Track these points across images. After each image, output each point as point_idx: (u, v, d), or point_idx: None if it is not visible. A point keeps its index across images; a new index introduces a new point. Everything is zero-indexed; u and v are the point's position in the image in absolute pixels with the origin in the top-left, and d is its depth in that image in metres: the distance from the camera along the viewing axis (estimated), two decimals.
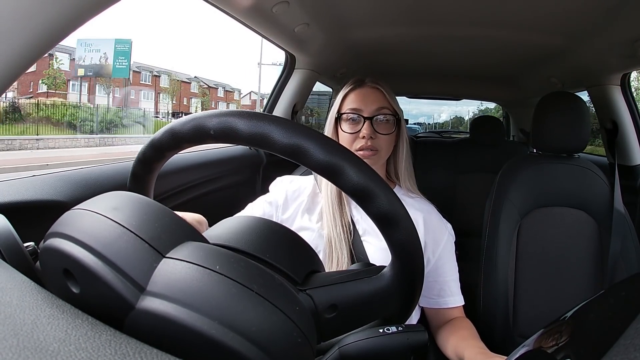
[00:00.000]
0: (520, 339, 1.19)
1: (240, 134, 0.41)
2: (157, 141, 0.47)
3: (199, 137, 0.44)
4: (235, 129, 0.41)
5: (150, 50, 47.54)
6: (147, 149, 0.49)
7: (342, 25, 1.54)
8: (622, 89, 1.66)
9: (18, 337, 0.26)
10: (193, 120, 0.44)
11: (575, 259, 1.23)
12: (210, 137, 0.43)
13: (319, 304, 0.43)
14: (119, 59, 17.83)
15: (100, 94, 20.01)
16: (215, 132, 0.42)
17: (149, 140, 0.49)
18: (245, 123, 0.41)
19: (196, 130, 0.43)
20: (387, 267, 0.48)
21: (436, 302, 0.94)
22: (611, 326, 0.28)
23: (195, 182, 1.33)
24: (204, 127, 0.43)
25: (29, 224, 0.56)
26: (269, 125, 0.40)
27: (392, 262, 0.47)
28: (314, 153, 0.40)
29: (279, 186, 1.02)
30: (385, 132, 0.94)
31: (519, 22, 1.39)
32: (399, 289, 0.47)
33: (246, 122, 0.41)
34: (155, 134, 0.48)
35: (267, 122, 0.40)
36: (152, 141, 0.48)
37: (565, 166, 1.28)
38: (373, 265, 0.52)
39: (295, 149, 0.40)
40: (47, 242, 0.35)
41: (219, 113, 0.42)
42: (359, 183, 0.41)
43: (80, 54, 18.16)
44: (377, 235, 0.84)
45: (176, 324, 0.29)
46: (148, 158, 0.50)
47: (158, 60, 53.77)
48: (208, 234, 0.45)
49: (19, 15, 0.55)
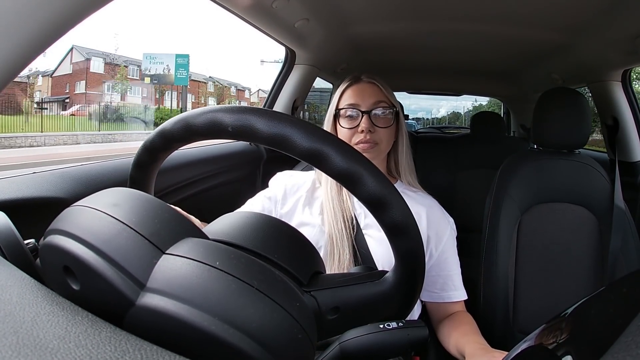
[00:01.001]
0: (520, 334, 1.19)
1: (259, 134, 0.40)
2: (168, 131, 0.46)
3: (215, 131, 0.43)
4: (255, 129, 0.40)
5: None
6: (156, 137, 0.48)
7: (342, 21, 1.54)
8: (622, 85, 1.65)
9: (18, 334, 0.26)
10: (208, 114, 0.43)
11: (576, 255, 1.23)
12: (227, 134, 0.42)
13: (322, 305, 0.44)
14: (179, 70, 21.24)
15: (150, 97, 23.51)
16: (234, 129, 0.41)
17: (158, 128, 0.48)
18: (266, 123, 0.40)
19: (212, 125, 0.43)
20: (390, 273, 0.49)
21: (439, 296, 0.94)
22: (612, 323, 0.28)
23: (195, 178, 1.33)
24: (221, 123, 0.42)
25: (29, 221, 0.56)
26: (290, 129, 0.40)
27: (395, 268, 0.48)
28: (334, 160, 0.40)
29: (278, 181, 1.02)
30: (383, 125, 0.95)
31: (520, 17, 1.38)
32: (401, 292, 0.48)
33: (267, 122, 0.40)
34: (166, 122, 0.47)
35: (288, 125, 0.40)
36: (163, 130, 0.47)
37: (565, 162, 1.28)
38: (376, 269, 0.53)
39: (315, 154, 0.40)
40: (47, 239, 0.34)
41: (237, 109, 0.42)
42: (375, 193, 0.41)
43: (146, 65, 21.42)
44: (378, 228, 0.84)
45: (176, 321, 0.29)
46: (155, 147, 0.49)
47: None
48: (208, 230, 0.45)
49: (19, 12, 0.55)
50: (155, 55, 21.21)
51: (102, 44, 47.10)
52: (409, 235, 0.44)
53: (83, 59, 22.13)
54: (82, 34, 23.17)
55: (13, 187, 0.73)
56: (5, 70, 0.56)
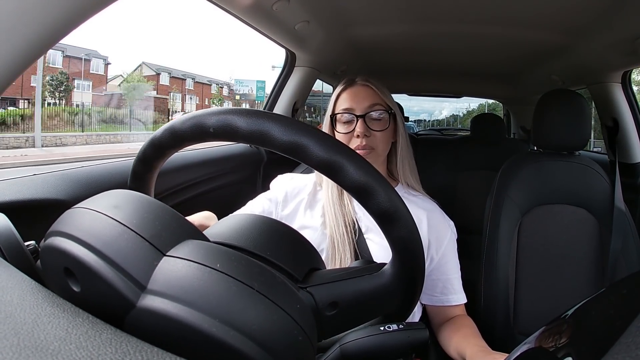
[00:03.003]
0: (521, 336, 1.19)
1: (239, 131, 0.40)
2: (157, 140, 0.47)
3: (199, 135, 0.43)
4: (235, 127, 0.40)
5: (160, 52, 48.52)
6: (147, 147, 0.49)
7: (343, 23, 1.54)
8: (622, 86, 1.65)
9: (19, 336, 0.26)
10: (193, 119, 0.43)
11: (576, 256, 1.23)
12: (210, 135, 0.42)
13: (319, 301, 0.43)
14: (259, 92, 29.09)
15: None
16: (215, 130, 0.42)
17: (149, 138, 0.49)
18: (245, 120, 0.40)
19: (196, 128, 0.43)
20: (388, 265, 0.48)
21: (439, 300, 0.94)
22: (612, 324, 0.28)
23: (196, 180, 1.33)
24: (203, 125, 0.42)
25: (29, 223, 0.56)
26: (269, 123, 0.40)
27: (392, 259, 0.47)
28: (313, 150, 0.40)
29: (279, 183, 1.01)
30: (379, 128, 0.94)
31: (520, 19, 1.38)
32: (400, 286, 0.47)
33: (245, 119, 0.40)
34: (155, 132, 0.47)
35: (266, 120, 0.40)
36: (152, 140, 0.48)
37: (565, 164, 1.28)
38: (374, 263, 0.52)
39: (294, 146, 0.40)
40: (48, 240, 0.34)
41: (218, 111, 0.42)
42: (358, 180, 0.40)
43: (236, 87, 30.23)
44: (379, 232, 0.84)
45: (177, 323, 0.29)
46: (148, 157, 0.49)
47: (174, 63, 55.32)
48: (209, 232, 0.45)
49: (21, 13, 0.55)
50: (242, 80, 30.17)
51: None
52: (400, 221, 0.43)
53: (153, 73, 27.31)
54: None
55: (13, 189, 0.73)
56: (7, 72, 0.56)
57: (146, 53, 52.75)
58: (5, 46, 0.55)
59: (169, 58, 56.94)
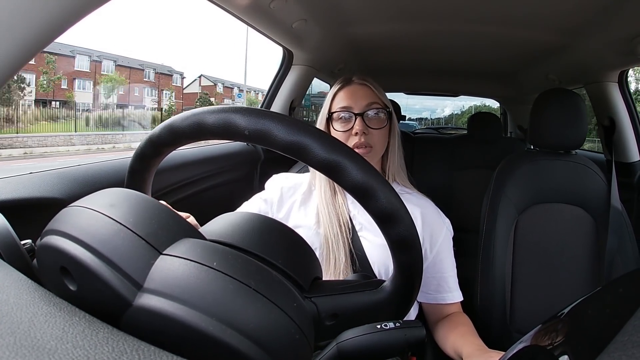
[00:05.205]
0: (517, 334, 1.20)
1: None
2: (155, 137, 0.47)
3: (198, 133, 0.43)
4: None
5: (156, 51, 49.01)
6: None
7: (340, 21, 1.54)
8: (619, 86, 1.66)
9: (15, 335, 0.26)
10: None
11: (572, 255, 1.23)
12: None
13: (322, 311, 0.44)
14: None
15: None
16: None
17: (146, 136, 0.48)
18: (246, 119, 0.40)
19: (195, 126, 0.43)
20: (388, 282, 0.50)
21: (434, 298, 0.94)
22: (609, 323, 0.28)
23: (192, 179, 1.33)
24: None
25: (26, 222, 0.55)
26: (270, 122, 0.40)
27: (393, 277, 0.49)
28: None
29: (275, 183, 1.01)
30: (377, 126, 0.94)
31: (517, 18, 1.38)
32: (397, 299, 0.49)
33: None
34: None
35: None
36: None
37: (562, 163, 1.28)
38: (372, 274, 0.54)
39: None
40: (44, 239, 0.34)
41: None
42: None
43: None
44: (373, 230, 0.84)
45: (173, 321, 0.29)
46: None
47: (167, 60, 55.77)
48: (205, 230, 0.45)
49: (19, 10, 0.54)
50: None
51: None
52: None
53: (211, 83, 30.54)
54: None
55: (10, 188, 0.73)
56: (5, 69, 0.56)
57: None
58: (4, 44, 0.54)
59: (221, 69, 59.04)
